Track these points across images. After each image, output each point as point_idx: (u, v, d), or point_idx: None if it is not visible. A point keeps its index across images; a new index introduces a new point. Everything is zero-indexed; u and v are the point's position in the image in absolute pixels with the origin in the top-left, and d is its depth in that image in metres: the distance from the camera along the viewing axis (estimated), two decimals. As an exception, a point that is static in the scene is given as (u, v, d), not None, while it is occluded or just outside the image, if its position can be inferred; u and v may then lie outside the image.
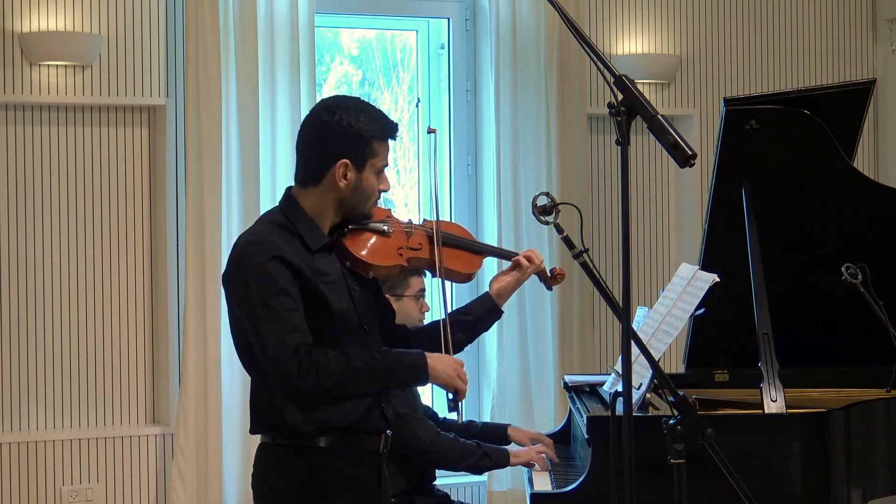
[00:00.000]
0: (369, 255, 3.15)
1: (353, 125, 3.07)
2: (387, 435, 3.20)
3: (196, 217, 5.31)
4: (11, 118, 5.29)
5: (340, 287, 3.10)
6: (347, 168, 3.08)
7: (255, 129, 5.37)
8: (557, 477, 4.20)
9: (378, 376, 3.05)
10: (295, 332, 2.97)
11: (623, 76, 2.56)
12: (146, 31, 5.43)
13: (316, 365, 2.95)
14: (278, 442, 3.11)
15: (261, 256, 3.01)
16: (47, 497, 5.30)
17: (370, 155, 3.10)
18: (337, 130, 3.07)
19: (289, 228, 3.08)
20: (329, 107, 3.12)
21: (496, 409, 5.74)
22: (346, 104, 3.12)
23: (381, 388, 3.11)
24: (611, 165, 6.19)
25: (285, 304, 2.98)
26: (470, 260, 3.34)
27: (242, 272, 3.03)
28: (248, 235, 3.11)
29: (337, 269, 3.12)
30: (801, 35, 6.54)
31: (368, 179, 3.11)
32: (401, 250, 3.21)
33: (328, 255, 3.11)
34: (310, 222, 3.10)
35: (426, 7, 5.99)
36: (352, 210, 3.14)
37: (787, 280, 4.27)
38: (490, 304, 3.38)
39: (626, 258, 2.57)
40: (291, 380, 2.95)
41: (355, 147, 3.08)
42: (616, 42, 6.17)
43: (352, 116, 3.08)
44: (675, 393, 2.64)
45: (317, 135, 3.11)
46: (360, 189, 3.11)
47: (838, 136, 4.26)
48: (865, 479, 3.80)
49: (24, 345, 5.32)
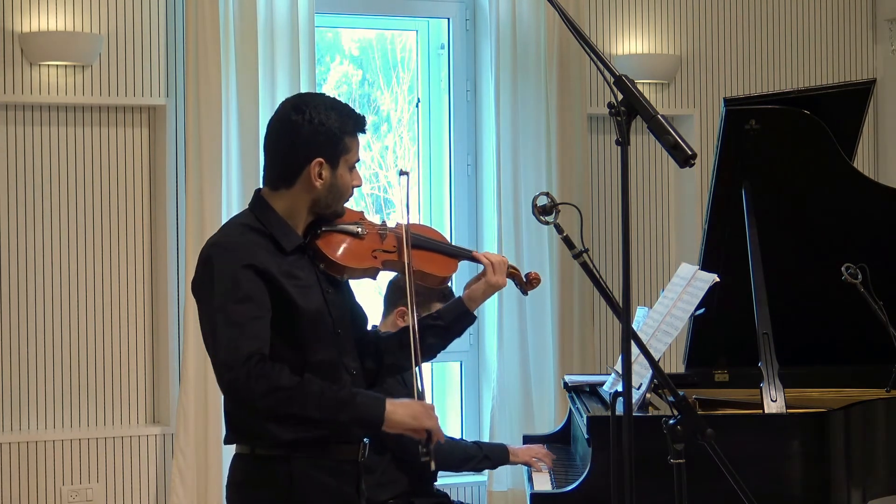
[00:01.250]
0: (343, 258, 3.10)
1: (325, 122, 3.01)
2: (365, 443, 3.13)
3: (196, 217, 5.31)
4: (11, 118, 5.29)
5: (314, 290, 3.04)
6: (322, 167, 3.02)
7: (255, 129, 5.37)
8: (557, 477, 4.20)
9: (330, 404, 2.91)
10: (252, 340, 2.87)
11: (623, 76, 2.56)
12: (146, 31, 5.43)
13: (266, 376, 2.84)
14: (257, 452, 3.03)
15: (230, 261, 2.94)
16: (47, 497, 5.30)
17: (343, 151, 3.04)
18: (308, 130, 3.01)
19: (260, 231, 3.02)
20: (296, 106, 3.06)
21: (496, 410, 5.74)
22: (314, 101, 3.06)
23: (331, 418, 2.93)
24: (611, 165, 6.19)
25: (248, 312, 2.90)
26: (445, 263, 3.27)
27: (209, 274, 2.96)
28: (216, 237, 3.04)
29: (310, 271, 3.06)
30: (801, 35, 6.54)
31: (343, 177, 3.05)
32: (375, 252, 3.15)
33: (301, 256, 3.06)
34: (282, 224, 3.04)
35: (426, 7, 5.99)
36: (325, 209, 3.08)
37: (787, 280, 4.27)
38: (461, 309, 3.27)
39: (626, 258, 2.57)
40: (238, 385, 2.84)
41: (328, 145, 3.02)
42: (616, 42, 6.17)
43: (321, 114, 3.02)
44: (675, 393, 2.64)
45: (287, 135, 3.05)
46: (335, 187, 3.05)
47: (838, 136, 4.26)
48: (865, 479, 3.80)
49: (24, 345, 5.32)
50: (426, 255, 3.23)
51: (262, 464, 3.03)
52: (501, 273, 3.28)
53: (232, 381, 2.85)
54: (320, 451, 3.03)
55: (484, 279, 3.27)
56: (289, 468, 3.00)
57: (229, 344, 2.86)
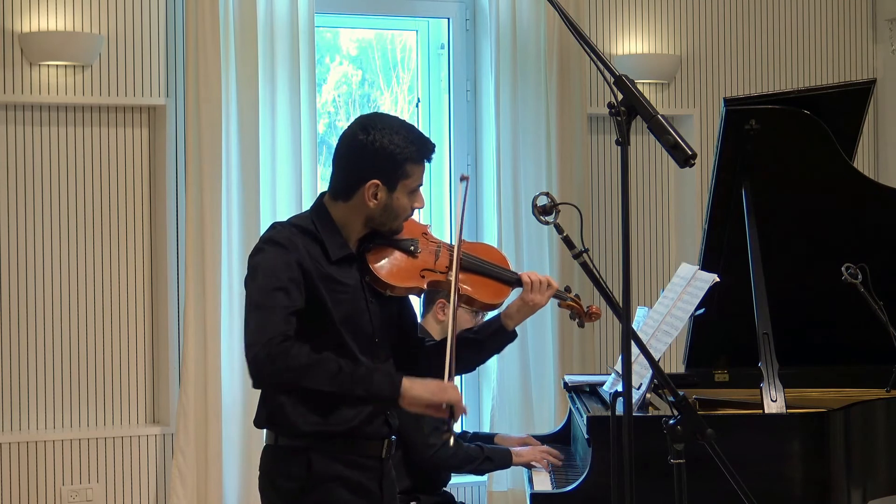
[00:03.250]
0: (388, 275, 3.12)
1: (387, 147, 3.06)
2: (391, 440, 3.18)
3: (196, 217, 5.31)
4: (11, 118, 5.29)
5: (356, 298, 3.10)
6: (378, 188, 3.07)
7: (255, 129, 5.37)
8: (557, 477, 4.20)
9: (346, 378, 2.95)
10: (279, 324, 2.95)
11: (623, 76, 2.56)
12: (146, 31, 5.43)
13: (285, 353, 2.91)
14: (280, 443, 3.12)
15: (275, 255, 3.03)
16: (47, 497, 5.30)
17: (402, 177, 3.08)
18: (370, 151, 3.06)
19: (313, 234, 3.08)
20: (364, 126, 3.10)
21: (496, 410, 5.74)
22: (383, 124, 3.09)
23: (346, 391, 2.96)
24: (611, 165, 6.19)
25: (281, 301, 2.97)
26: (495, 290, 3.24)
27: (254, 266, 3.05)
28: (272, 233, 3.12)
29: (356, 280, 3.12)
30: (801, 35, 6.54)
31: (399, 199, 3.10)
32: (424, 272, 3.15)
33: (349, 266, 3.11)
34: (335, 232, 3.10)
35: (426, 7, 5.99)
36: (380, 227, 3.14)
37: (787, 280, 4.27)
38: (497, 325, 3.31)
39: (626, 258, 2.57)
40: (258, 361, 2.92)
41: (387, 168, 3.07)
42: (616, 42, 6.17)
43: (386, 137, 3.06)
44: (675, 393, 2.64)
45: (351, 153, 3.11)
46: (389, 208, 3.10)
47: (838, 136, 4.26)
48: (865, 479, 3.80)
49: (24, 345, 5.32)
50: (477, 280, 3.22)
51: (283, 454, 3.11)
52: (540, 292, 3.29)
53: (253, 359, 2.94)
54: (344, 446, 3.09)
55: (521, 296, 3.30)
56: (308, 460, 3.07)
57: (257, 327, 2.95)
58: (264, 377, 2.96)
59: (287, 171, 5.43)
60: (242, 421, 5.32)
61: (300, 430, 3.07)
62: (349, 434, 3.09)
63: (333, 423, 3.07)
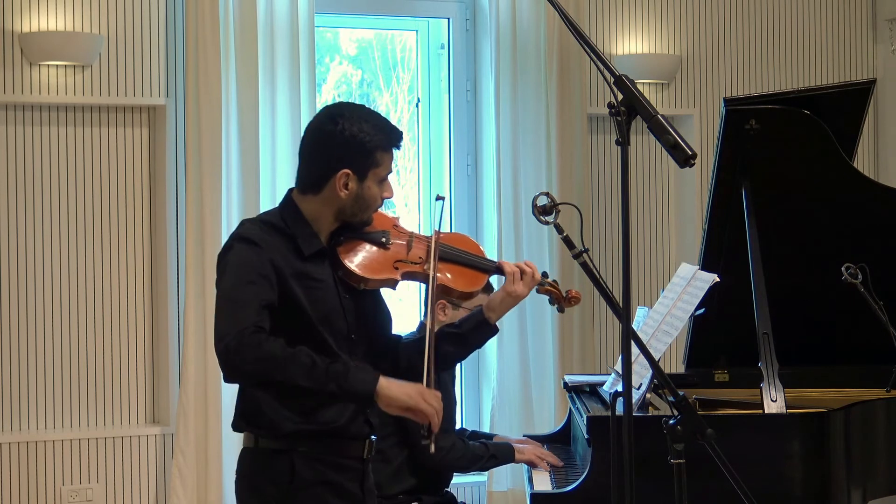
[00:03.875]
0: (361, 268, 3.08)
1: (356, 135, 3.02)
2: (371, 441, 3.14)
3: (196, 217, 5.31)
4: (11, 118, 5.29)
5: (329, 294, 3.04)
6: (349, 178, 3.03)
7: (255, 129, 5.38)
8: (557, 477, 4.20)
9: (320, 374, 2.86)
10: (251, 315, 2.87)
11: (623, 76, 2.56)
12: (146, 31, 5.43)
13: (257, 345, 2.84)
14: (261, 445, 3.07)
15: (247, 251, 2.97)
16: (47, 497, 5.30)
17: (372, 165, 3.05)
18: (339, 140, 3.02)
19: (284, 231, 3.04)
20: (332, 115, 3.07)
21: (496, 409, 5.74)
22: (350, 112, 3.06)
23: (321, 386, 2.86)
24: (611, 165, 6.19)
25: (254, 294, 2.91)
26: (472, 278, 3.20)
27: (225, 261, 3.00)
28: (240, 231, 3.06)
29: (329, 275, 3.07)
30: (801, 35, 6.54)
31: (370, 189, 3.06)
32: (397, 264, 3.11)
33: (321, 261, 3.07)
34: (307, 227, 3.06)
35: (426, 7, 5.99)
36: (351, 218, 3.09)
37: (787, 280, 4.27)
38: (479, 318, 3.25)
39: (626, 258, 2.57)
40: (229, 351, 2.84)
41: (358, 157, 3.03)
42: (616, 42, 6.17)
43: (355, 126, 3.03)
44: (675, 393, 2.64)
45: (319, 144, 3.07)
46: (360, 198, 3.06)
47: (838, 136, 4.26)
48: (865, 479, 3.80)
49: (24, 345, 5.31)
50: (453, 269, 3.18)
51: (264, 456, 3.06)
52: (522, 283, 3.25)
53: (224, 350, 2.86)
54: (324, 447, 3.05)
55: (503, 287, 3.25)
56: (290, 461, 3.03)
57: (228, 317, 2.90)
58: (234, 368, 2.86)
59: (287, 170, 5.43)
60: (242, 421, 5.31)
61: (282, 431, 3.02)
62: (332, 434, 3.05)
63: (316, 422, 3.02)
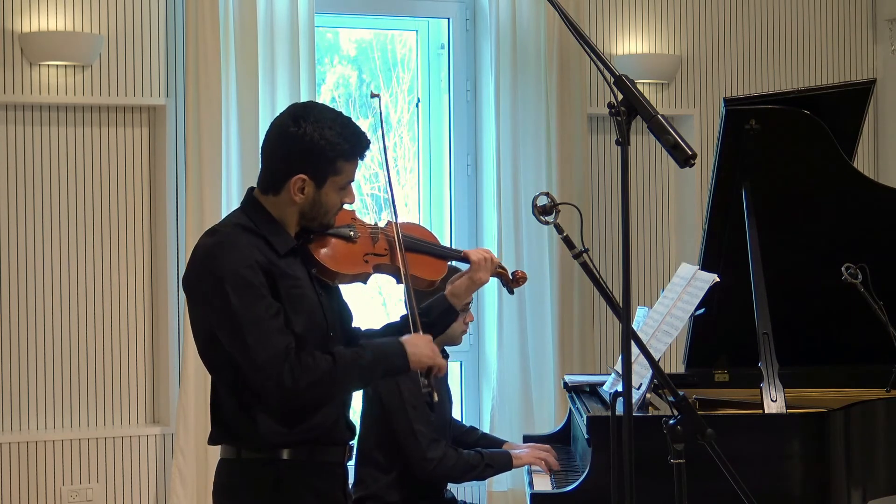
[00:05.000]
0: (335, 263, 3.07)
1: (317, 142, 2.93)
2: (350, 446, 3.12)
3: (196, 217, 5.31)
4: (11, 118, 5.29)
5: (308, 291, 3.01)
6: (305, 183, 2.96)
7: (255, 130, 5.38)
8: (557, 477, 4.20)
9: (366, 370, 2.97)
10: (281, 335, 2.87)
11: (623, 76, 2.56)
12: (146, 31, 5.43)
13: (307, 367, 2.86)
14: (244, 456, 2.99)
15: (235, 261, 2.89)
16: (47, 497, 5.30)
17: (332, 173, 2.97)
18: (300, 145, 2.94)
19: (254, 231, 2.96)
20: (296, 117, 2.97)
21: (496, 409, 5.74)
22: (314, 116, 2.96)
23: (368, 380, 3.06)
24: (611, 165, 6.19)
25: (267, 308, 2.88)
26: (434, 266, 3.25)
27: (214, 276, 2.89)
28: (215, 237, 2.97)
29: (304, 273, 3.02)
30: (801, 35, 6.54)
31: (328, 195, 2.99)
32: (367, 257, 3.12)
33: (294, 259, 3.01)
34: (275, 226, 3.00)
35: (426, 7, 5.99)
36: (311, 222, 3.03)
37: (787, 280, 4.27)
38: (445, 305, 3.28)
39: (626, 258, 2.57)
40: (285, 383, 2.83)
41: (316, 164, 2.95)
42: (616, 42, 6.17)
43: (317, 131, 2.93)
44: (675, 393, 2.64)
45: (279, 145, 2.99)
46: (318, 204, 2.99)
47: (838, 136, 4.26)
48: (865, 479, 3.80)
49: (24, 345, 5.32)
50: (415, 258, 3.21)
51: (248, 467, 3.00)
52: (486, 270, 3.29)
53: (278, 384, 2.84)
54: (307, 454, 3.01)
55: (468, 275, 3.29)
56: (276, 471, 2.98)
57: (262, 344, 2.85)
58: (293, 399, 2.88)
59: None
60: (242, 421, 5.31)
61: (267, 442, 2.96)
62: (316, 441, 3.01)
63: (301, 430, 2.98)
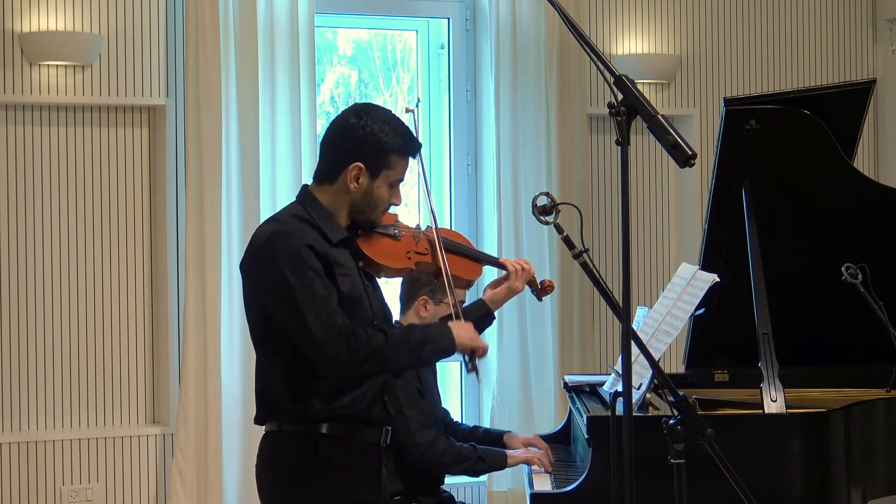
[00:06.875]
0: (381, 257, 3.25)
1: (376, 133, 3.16)
2: (387, 429, 3.26)
3: (196, 217, 5.31)
4: (11, 118, 5.29)
5: (357, 280, 3.18)
6: (361, 172, 3.16)
7: (255, 129, 5.38)
8: (557, 477, 4.20)
9: (416, 347, 3.14)
10: (336, 314, 3.05)
11: (623, 76, 2.56)
12: (146, 31, 5.43)
13: (364, 344, 3.04)
14: (285, 429, 3.16)
15: (292, 243, 3.07)
16: (47, 497, 5.30)
17: (386, 166, 3.18)
18: (360, 135, 3.16)
19: (309, 221, 3.14)
20: (358, 111, 3.21)
21: (496, 410, 5.75)
22: (375, 113, 3.21)
23: (417, 359, 3.22)
24: (611, 165, 6.19)
25: (325, 287, 3.06)
26: (471, 267, 3.46)
27: (274, 259, 3.08)
28: (273, 225, 3.17)
29: (352, 264, 3.20)
30: (801, 35, 6.54)
31: (380, 188, 3.19)
32: (409, 254, 3.31)
33: (345, 250, 3.19)
34: (329, 216, 3.17)
35: (426, 7, 5.99)
36: (360, 215, 3.22)
37: (787, 280, 4.27)
38: (485, 309, 3.47)
39: (626, 258, 2.57)
40: (342, 358, 3.02)
41: (373, 154, 3.16)
42: (616, 42, 6.17)
43: (377, 125, 3.17)
44: (675, 393, 2.64)
45: (340, 135, 3.21)
46: (370, 195, 3.19)
47: (838, 136, 4.26)
48: (865, 479, 3.80)
49: (24, 345, 5.32)
50: (454, 259, 3.39)
51: (288, 439, 3.16)
52: (521, 279, 3.47)
53: (337, 357, 3.03)
54: (346, 431, 3.16)
55: (507, 283, 3.47)
56: (314, 445, 3.13)
57: (320, 319, 3.04)
58: (350, 371, 3.06)
59: (287, 170, 5.43)
60: (242, 421, 5.32)
61: (307, 416, 3.12)
62: (354, 418, 3.16)
63: (341, 406, 3.13)
